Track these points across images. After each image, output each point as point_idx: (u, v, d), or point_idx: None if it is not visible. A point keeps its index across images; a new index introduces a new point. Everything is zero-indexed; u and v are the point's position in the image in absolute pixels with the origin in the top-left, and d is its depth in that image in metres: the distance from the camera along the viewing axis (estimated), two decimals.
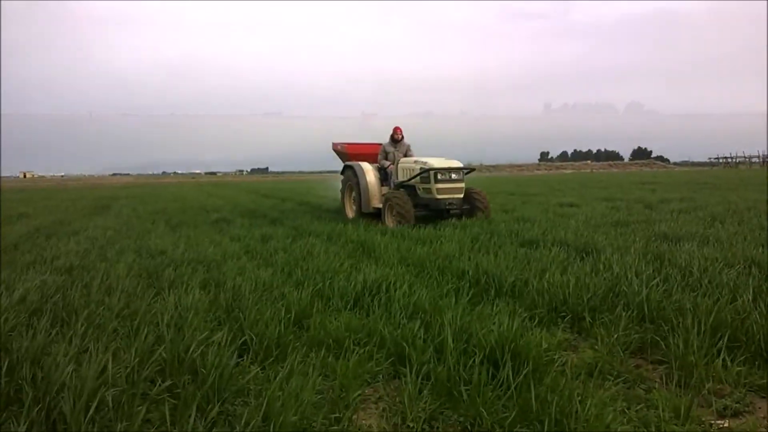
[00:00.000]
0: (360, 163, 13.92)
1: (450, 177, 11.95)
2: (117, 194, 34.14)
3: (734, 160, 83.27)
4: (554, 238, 8.52)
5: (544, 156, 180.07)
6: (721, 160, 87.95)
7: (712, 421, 3.09)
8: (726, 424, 3.06)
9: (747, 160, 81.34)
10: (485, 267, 6.27)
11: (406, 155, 13.63)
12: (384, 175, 13.63)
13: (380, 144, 14.47)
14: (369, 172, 13.60)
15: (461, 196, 12.14)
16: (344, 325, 4.44)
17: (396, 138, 13.75)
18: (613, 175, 59.62)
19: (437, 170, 11.88)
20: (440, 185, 11.89)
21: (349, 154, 14.95)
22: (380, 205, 12.75)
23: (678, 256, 6.58)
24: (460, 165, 12.27)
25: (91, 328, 4.31)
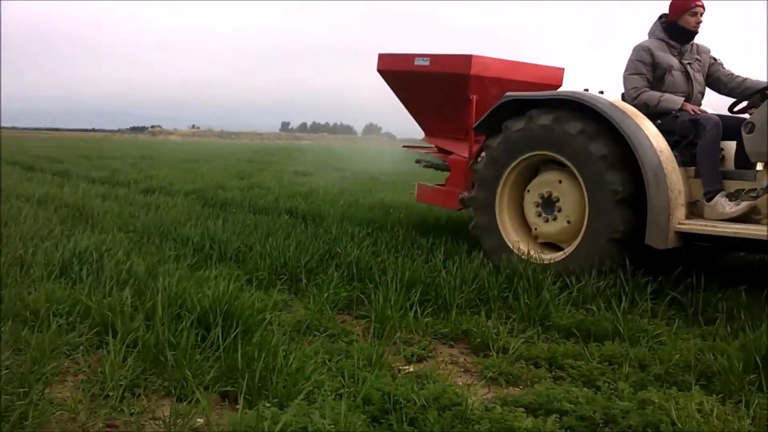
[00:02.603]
0: (610, 99, 4.78)
1: None
2: None
3: None
4: (284, 205, 8.75)
5: (284, 126, 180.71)
6: None
7: (400, 367, 3.48)
8: (411, 369, 3.47)
9: None
10: (212, 233, 6.23)
11: (710, 73, 5.31)
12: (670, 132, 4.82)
13: (544, 66, 6.69)
14: (647, 125, 4.63)
15: None
16: (45, 296, 4.07)
17: (689, 28, 5.09)
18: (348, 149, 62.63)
19: None
20: None
21: (472, 77, 5.91)
22: (705, 227, 4.41)
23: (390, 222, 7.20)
24: None
25: None
